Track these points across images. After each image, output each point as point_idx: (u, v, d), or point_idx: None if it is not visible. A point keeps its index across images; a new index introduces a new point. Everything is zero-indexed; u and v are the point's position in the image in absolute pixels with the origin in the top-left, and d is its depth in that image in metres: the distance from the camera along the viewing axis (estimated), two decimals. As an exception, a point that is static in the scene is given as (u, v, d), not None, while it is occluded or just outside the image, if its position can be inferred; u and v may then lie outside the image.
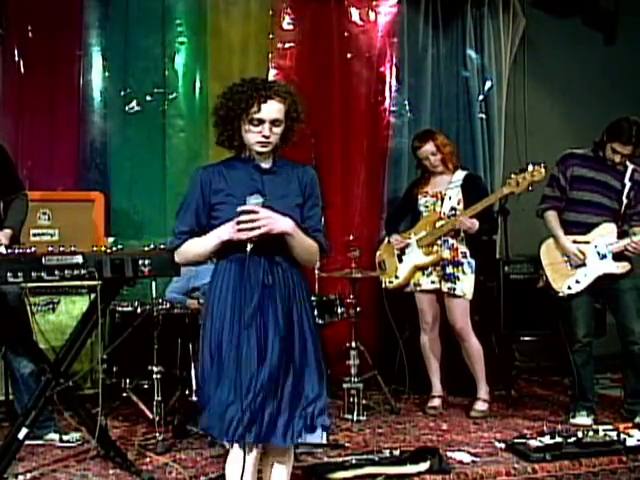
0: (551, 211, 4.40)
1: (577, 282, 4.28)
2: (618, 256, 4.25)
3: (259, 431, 2.47)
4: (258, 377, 2.48)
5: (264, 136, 2.55)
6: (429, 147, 4.64)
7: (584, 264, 4.27)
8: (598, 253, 4.26)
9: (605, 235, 4.27)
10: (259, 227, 2.46)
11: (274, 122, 2.56)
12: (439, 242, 4.59)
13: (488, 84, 5.96)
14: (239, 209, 2.48)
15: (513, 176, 4.36)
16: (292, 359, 2.55)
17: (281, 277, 2.58)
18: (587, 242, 4.28)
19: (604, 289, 4.31)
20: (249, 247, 2.49)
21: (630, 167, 4.31)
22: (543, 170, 4.26)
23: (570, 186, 4.35)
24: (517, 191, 4.37)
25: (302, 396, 2.55)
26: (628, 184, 4.29)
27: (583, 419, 4.29)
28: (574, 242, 4.31)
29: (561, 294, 4.30)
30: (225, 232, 2.52)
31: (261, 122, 2.54)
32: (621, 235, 4.27)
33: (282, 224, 2.51)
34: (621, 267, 4.25)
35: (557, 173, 4.38)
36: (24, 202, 3.93)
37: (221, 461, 3.54)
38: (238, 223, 2.47)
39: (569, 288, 4.29)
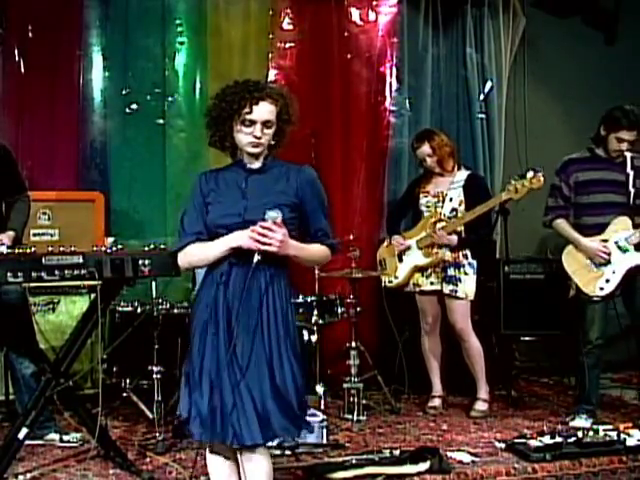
0: (560, 219, 4.38)
1: (607, 281, 4.23)
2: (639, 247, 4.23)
3: (226, 431, 2.50)
4: (226, 380, 2.52)
5: (255, 137, 2.58)
6: (425, 149, 4.64)
7: (609, 262, 4.23)
8: (619, 248, 4.22)
9: (621, 229, 4.24)
10: (271, 244, 2.49)
11: (265, 123, 2.59)
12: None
13: (488, 84, 5.95)
14: (260, 223, 2.50)
15: (512, 182, 4.35)
16: (261, 361, 2.54)
17: (260, 282, 2.59)
18: (605, 240, 4.26)
19: (623, 287, 4.28)
20: (256, 257, 2.52)
21: (629, 155, 4.29)
22: (542, 179, 4.26)
23: (577, 192, 4.34)
24: (515, 198, 4.37)
25: (265, 396, 2.52)
26: (631, 173, 4.27)
27: (582, 422, 4.25)
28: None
29: (595, 297, 4.25)
30: (235, 240, 2.55)
31: (253, 123, 2.57)
32: (636, 226, 4.24)
33: (290, 250, 2.55)
34: None
35: (559, 182, 4.36)
36: (26, 204, 3.94)
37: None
38: (253, 232, 2.50)
39: (601, 289, 4.24)
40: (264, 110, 2.57)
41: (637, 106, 4.22)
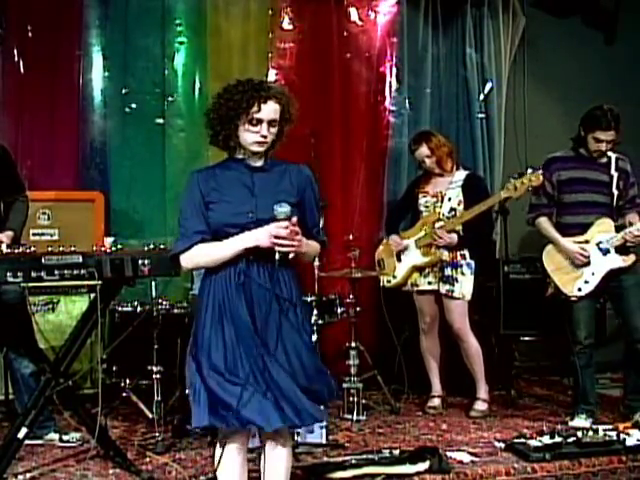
0: (542, 217, 4.39)
1: (586, 282, 4.24)
2: (621, 249, 4.23)
3: (255, 417, 2.49)
4: (253, 371, 2.52)
5: (262, 135, 2.61)
6: (423, 150, 4.65)
7: (589, 263, 4.23)
8: (600, 250, 4.22)
9: (603, 231, 4.25)
10: (293, 245, 2.53)
11: (271, 122, 2.62)
12: (438, 243, 4.60)
13: (488, 84, 5.95)
14: (281, 224, 2.51)
15: (512, 180, 4.36)
16: (285, 353, 2.58)
17: (280, 280, 2.62)
18: (587, 241, 4.27)
19: (608, 288, 4.28)
20: (277, 255, 2.54)
21: (613, 157, 4.30)
22: (541, 177, 4.27)
23: (560, 190, 4.34)
24: (515, 196, 4.37)
25: (295, 386, 2.56)
26: (615, 174, 4.28)
27: (581, 422, 4.24)
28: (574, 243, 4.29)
29: (573, 297, 4.24)
30: (253, 239, 2.55)
31: (260, 122, 2.60)
32: (618, 228, 4.25)
33: (303, 247, 2.59)
34: (626, 260, 4.23)
35: (542, 180, 4.34)
36: (25, 204, 3.97)
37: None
38: (277, 236, 2.51)
39: (579, 290, 4.24)
40: (271, 109, 2.60)
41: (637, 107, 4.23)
